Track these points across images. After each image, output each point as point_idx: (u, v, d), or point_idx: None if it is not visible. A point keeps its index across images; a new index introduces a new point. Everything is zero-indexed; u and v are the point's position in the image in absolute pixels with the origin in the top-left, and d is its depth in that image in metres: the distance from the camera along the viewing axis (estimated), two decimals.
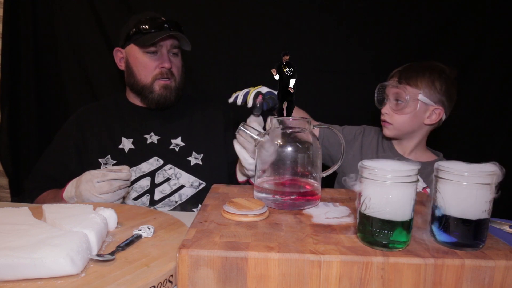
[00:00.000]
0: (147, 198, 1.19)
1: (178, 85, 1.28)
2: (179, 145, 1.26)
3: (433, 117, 1.16)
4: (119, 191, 0.99)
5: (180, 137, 1.28)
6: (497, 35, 1.60)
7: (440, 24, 1.61)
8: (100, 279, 0.56)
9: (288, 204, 0.75)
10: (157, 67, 1.23)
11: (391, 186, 0.55)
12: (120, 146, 1.23)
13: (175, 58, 1.27)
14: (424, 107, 1.15)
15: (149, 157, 1.23)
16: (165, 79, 1.24)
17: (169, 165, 1.23)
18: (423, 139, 1.23)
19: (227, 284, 0.55)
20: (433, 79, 1.14)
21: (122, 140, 1.24)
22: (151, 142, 1.25)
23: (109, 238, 0.72)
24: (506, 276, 0.54)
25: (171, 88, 1.26)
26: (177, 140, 1.27)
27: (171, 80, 1.25)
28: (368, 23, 1.62)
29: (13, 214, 0.74)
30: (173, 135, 1.28)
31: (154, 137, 1.26)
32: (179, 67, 1.29)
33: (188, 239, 0.58)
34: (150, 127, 1.28)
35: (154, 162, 1.22)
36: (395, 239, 0.56)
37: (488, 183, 0.55)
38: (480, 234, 0.57)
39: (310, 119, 0.80)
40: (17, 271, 0.54)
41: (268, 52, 1.57)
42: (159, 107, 1.27)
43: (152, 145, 1.25)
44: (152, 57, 1.23)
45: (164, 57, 1.23)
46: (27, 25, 1.62)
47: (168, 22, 1.23)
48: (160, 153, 1.24)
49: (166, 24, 1.22)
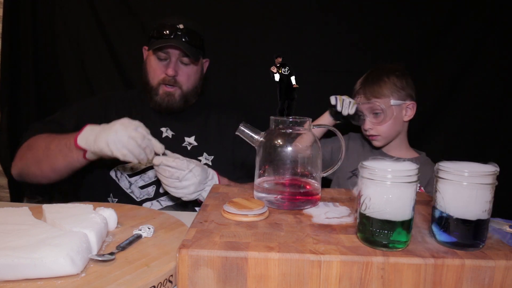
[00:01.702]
0: (153, 189, 1.22)
1: (186, 93, 1.28)
2: (191, 144, 1.29)
3: (409, 113, 1.28)
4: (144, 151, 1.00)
5: (194, 136, 1.30)
6: (497, 35, 1.59)
7: (440, 24, 1.61)
8: (100, 279, 0.56)
9: (288, 204, 0.75)
10: (163, 72, 1.25)
11: (391, 186, 0.55)
12: None
13: (185, 67, 1.27)
14: (399, 108, 1.26)
15: None
16: (169, 86, 1.25)
17: None
18: (405, 135, 1.34)
19: (227, 284, 0.55)
20: (393, 81, 1.25)
21: None
22: (166, 136, 1.29)
23: (109, 238, 0.72)
24: (506, 276, 0.54)
25: (174, 96, 1.26)
26: (191, 139, 1.30)
27: (175, 88, 1.26)
28: (368, 23, 1.61)
29: (13, 214, 0.74)
30: (188, 133, 1.31)
31: (169, 131, 1.29)
32: (189, 75, 1.28)
33: (188, 239, 0.58)
34: (167, 122, 1.30)
35: None
36: (395, 239, 0.56)
37: (488, 183, 0.55)
38: (480, 234, 0.57)
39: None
40: (17, 271, 0.54)
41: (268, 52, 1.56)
42: (162, 111, 1.29)
43: (166, 139, 1.27)
44: (161, 62, 1.25)
45: (171, 65, 1.24)
46: (27, 25, 1.62)
47: (183, 30, 1.22)
48: (173, 148, 1.25)
49: (179, 32, 1.22)
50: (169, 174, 1.03)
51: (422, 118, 1.67)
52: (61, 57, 1.68)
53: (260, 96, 1.59)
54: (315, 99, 1.47)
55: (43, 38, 1.66)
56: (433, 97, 1.65)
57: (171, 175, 1.03)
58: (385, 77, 1.25)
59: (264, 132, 0.80)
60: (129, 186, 1.22)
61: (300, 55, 1.60)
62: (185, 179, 1.03)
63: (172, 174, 1.02)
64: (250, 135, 0.80)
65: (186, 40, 1.22)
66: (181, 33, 1.22)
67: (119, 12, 1.64)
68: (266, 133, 0.79)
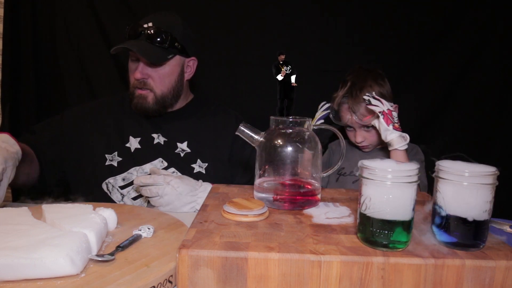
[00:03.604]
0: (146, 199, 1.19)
1: (161, 96, 1.22)
2: (184, 151, 1.24)
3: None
4: None
5: (186, 142, 1.26)
6: (497, 36, 1.59)
7: (440, 24, 1.61)
8: (100, 279, 0.56)
9: (288, 204, 0.75)
10: (133, 76, 1.21)
11: (391, 186, 0.55)
12: (127, 145, 1.23)
13: (156, 69, 1.20)
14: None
15: (154, 158, 1.22)
16: (140, 89, 1.21)
17: (172, 168, 1.22)
18: None
19: (227, 284, 0.55)
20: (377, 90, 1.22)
21: (130, 139, 1.24)
22: (158, 142, 1.24)
23: (109, 238, 0.72)
24: (507, 277, 0.54)
25: (147, 99, 1.21)
26: (183, 145, 1.25)
27: (147, 91, 1.21)
28: (368, 23, 1.62)
29: (13, 214, 0.74)
30: (180, 139, 1.26)
31: (161, 138, 1.25)
32: (162, 77, 1.21)
33: (188, 239, 0.58)
34: (158, 127, 1.26)
35: (158, 164, 1.22)
36: (395, 239, 0.56)
37: (489, 183, 0.55)
38: (480, 234, 0.57)
39: None
40: (17, 271, 0.54)
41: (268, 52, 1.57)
42: (140, 114, 1.25)
43: (158, 146, 1.24)
44: (133, 65, 1.21)
45: (137, 68, 1.18)
46: (27, 25, 1.62)
47: (149, 29, 1.15)
48: (165, 155, 1.23)
49: (143, 32, 1.15)
50: (150, 193, 1.00)
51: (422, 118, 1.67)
52: (61, 57, 1.68)
53: (260, 96, 1.59)
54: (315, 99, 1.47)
55: (43, 38, 1.66)
56: (433, 97, 1.65)
57: (152, 194, 1.00)
58: (368, 88, 1.22)
59: (264, 132, 0.80)
60: (121, 198, 1.18)
61: (300, 55, 1.60)
62: (164, 193, 0.98)
63: (152, 192, 0.99)
64: (250, 135, 0.80)
65: (149, 41, 1.15)
66: (144, 34, 1.15)
67: (119, 12, 1.64)
68: (266, 133, 0.79)
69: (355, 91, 1.23)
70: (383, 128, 1.12)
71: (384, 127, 1.12)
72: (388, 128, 1.11)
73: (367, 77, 1.25)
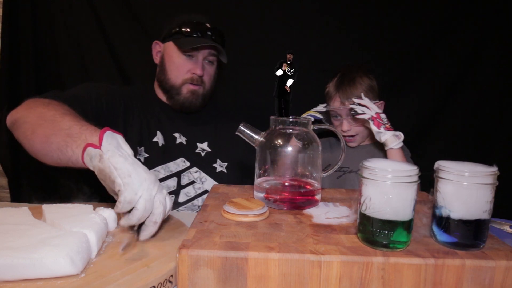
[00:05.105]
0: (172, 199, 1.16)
1: (207, 92, 1.26)
2: (205, 150, 1.25)
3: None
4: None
5: (206, 142, 1.27)
6: (497, 36, 1.59)
7: (440, 24, 1.61)
8: (100, 279, 0.56)
9: (288, 204, 0.75)
10: (189, 71, 1.21)
11: (391, 186, 0.55)
12: (154, 139, 1.21)
13: (209, 66, 1.25)
14: None
15: (176, 157, 1.22)
16: (195, 85, 1.22)
17: (195, 168, 1.22)
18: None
19: (227, 284, 0.55)
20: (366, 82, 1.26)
21: (157, 133, 1.22)
22: (180, 142, 1.24)
23: (109, 238, 0.72)
24: (507, 277, 0.54)
25: (199, 94, 1.23)
26: (204, 145, 1.26)
27: (200, 87, 1.23)
28: (368, 23, 1.61)
29: (13, 214, 0.74)
30: (200, 139, 1.27)
31: (182, 137, 1.25)
32: (211, 75, 1.27)
33: (188, 239, 0.58)
34: (177, 127, 1.26)
35: (181, 163, 1.21)
36: (395, 239, 0.56)
37: (489, 183, 0.55)
38: (480, 234, 0.57)
39: None
40: (17, 271, 0.54)
41: (268, 52, 1.57)
42: (183, 110, 1.25)
43: (180, 146, 1.24)
44: (187, 61, 1.21)
45: (198, 64, 1.21)
46: (27, 25, 1.62)
47: (212, 30, 1.20)
48: (187, 155, 1.22)
49: (209, 32, 1.20)
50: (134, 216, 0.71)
51: (423, 118, 1.67)
52: (61, 57, 1.68)
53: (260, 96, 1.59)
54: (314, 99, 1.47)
55: (43, 38, 1.65)
56: (433, 97, 1.65)
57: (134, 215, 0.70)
58: (358, 78, 1.26)
59: (264, 132, 0.80)
60: None
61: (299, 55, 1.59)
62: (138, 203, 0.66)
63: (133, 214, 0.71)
64: (250, 135, 0.80)
65: (214, 39, 1.19)
66: (211, 33, 1.19)
67: (119, 12, 1.64)
68: (266, 133, 0.79)
69: (346, 80, 1.27)
70: (375, 131, 1.15)
71: (375, 130, 1.14)
72: (379, 131, 1.13)
73: (358, 70, 1.29)
